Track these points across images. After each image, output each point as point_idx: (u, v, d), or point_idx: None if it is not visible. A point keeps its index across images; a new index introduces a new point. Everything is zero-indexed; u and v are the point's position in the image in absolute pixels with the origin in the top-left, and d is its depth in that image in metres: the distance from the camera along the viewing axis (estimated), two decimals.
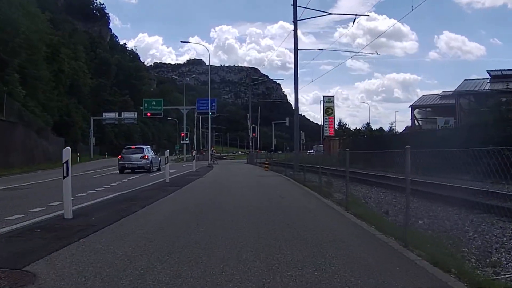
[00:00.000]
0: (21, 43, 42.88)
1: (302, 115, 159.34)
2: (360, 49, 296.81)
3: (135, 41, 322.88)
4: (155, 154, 27.77)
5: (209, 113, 37.75)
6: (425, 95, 44.09)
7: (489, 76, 33.83)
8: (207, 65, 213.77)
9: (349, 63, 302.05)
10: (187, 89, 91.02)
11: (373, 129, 41.38)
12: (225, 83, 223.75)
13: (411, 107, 41.23)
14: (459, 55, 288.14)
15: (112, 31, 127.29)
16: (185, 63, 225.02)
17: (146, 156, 23.86)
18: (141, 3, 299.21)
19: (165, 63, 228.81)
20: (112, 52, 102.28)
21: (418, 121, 40.87)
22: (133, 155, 23.47)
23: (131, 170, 23.03)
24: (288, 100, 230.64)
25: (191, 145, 64.96)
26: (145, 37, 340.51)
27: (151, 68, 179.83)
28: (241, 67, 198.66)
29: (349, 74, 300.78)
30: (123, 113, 60.28)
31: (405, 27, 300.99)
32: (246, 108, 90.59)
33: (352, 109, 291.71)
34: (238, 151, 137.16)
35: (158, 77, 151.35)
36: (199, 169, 27.03)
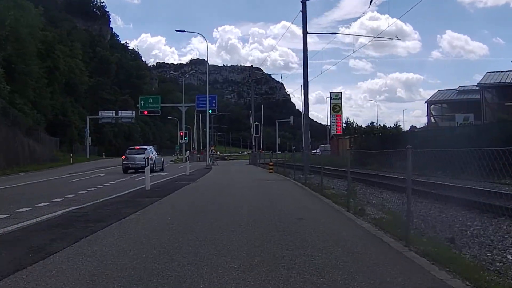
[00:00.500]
0: (7, 36, 39.74)
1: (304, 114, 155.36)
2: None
3: (137, 42, 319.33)
4: (158, 154, 27.62)
5: (207, 110, 34.39)
6: (441, 90, 40.63)
7: None
8: (209, 64, 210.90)
9: (352, 62, 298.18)
10: (190, 88, 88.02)
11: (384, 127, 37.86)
12: (228, 82, 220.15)
13: (427, 102, 37.84)
14: (462, 54, 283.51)
15: (113, 30, 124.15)
16: (187, 63, 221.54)
17: (150, 156, 22.76)
18: (144, 3, 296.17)
19: (168, 63, 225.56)
20: (112, 51, 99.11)
21: (434, 117, 37.43)
22: (136, 156, 23.39)
23: (134, 170, 22.95)
24: (291, 99, 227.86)
25: (192, 145, 61.36)
26: (147, 38, 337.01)
27: (154, 68, 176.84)
28: (244, 66, 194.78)
29: (352, 74, 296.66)
30: (120, 112, 56.93)
31: (407, 27, 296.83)
32: (249, 107, 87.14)
33: (355, 108, 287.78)
34: (240, 151, 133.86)
35: (160, 77, 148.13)
36: (194, 171, 23.70)
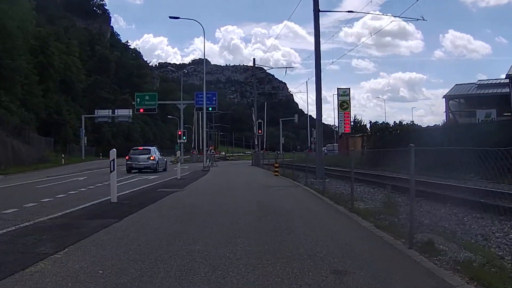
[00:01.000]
0: None
1: (308, 114, 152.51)
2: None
3: (140, 42, 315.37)
4: (161, 155, 28.10)
5: (204, 106, 31.09)
6: (458, 85, 37.12)
7: None
8: (212, 64, 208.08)
9: (354, 62, 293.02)
10: (192, 88, 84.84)
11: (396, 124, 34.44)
12: (231, 82, 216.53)
13: (445, 97, 34.35)
14: (464, 54, 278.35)
15: (114, 29, 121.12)
16: (189, 63, 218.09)
17: (152, 157, 24.07)
18: (146, 3, 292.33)
19: (170, 63, 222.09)
20: (112, 49, 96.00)
21: (453, 113, 33.94)
22: (140, 156, 23.74)
23: (138, 170, 23.11)
24: (294, 99, 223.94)
25: (192, 145, 57.93)
26: (150, 38, 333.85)
27: (156, 68, 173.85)
28: (247, 66, 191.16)
29: (355, 73, 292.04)
30: (117, 111, 53.70)
31: (410, 26, 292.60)
32: (252, 107, 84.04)
33: (358, 108, 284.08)
34: (243, 151, 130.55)
35: (162, 77, 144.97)
36: (187, 174, 20.41)
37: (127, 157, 24.29)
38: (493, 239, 6.03)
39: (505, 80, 27.72)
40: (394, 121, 31.66)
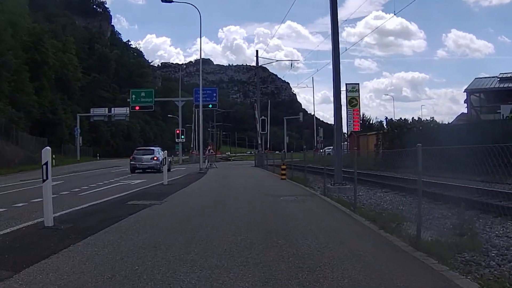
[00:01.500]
0: None
1: (311, 114, 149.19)
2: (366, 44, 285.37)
3: (143, 42, 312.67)
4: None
5: (201, 101, 27.94)
6: (478, 78, 33.87)
7: None
8: (215, 64, 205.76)
9: (357, 62, 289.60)
10: (193, 87, 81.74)
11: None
12: (234, 82, 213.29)
13: (466, 91, 31.13)
14: (467, 53, 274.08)
15: (115, 28, 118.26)
16: (192, 63, 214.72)
17: (156, 157, 24.02)
18: (148, 4, 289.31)
19: (173, 63, 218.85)
20: (112, 48, 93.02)
21: (475, 109, 30.68)
22: (143, 156, 23.77)
23: (142, 170, 23.05)
24: (297, 99, 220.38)
25: (191, 144, 54.66)
26: (152, 38, 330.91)
27: (159, 68, 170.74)
28: (250, 66, 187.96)
29: (357, 73, 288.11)
30: (113, 109, 50.66)
31: (413, 26, 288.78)
32: (255, 103, 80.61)
33: (361, 108, 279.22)
34: (246, 151, 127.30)
35: (164, 77, 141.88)
36: (178, 179, 17.28)
37: (131, 157, 24.41)
38: None
39: None
40: (412, 117, 28.35)
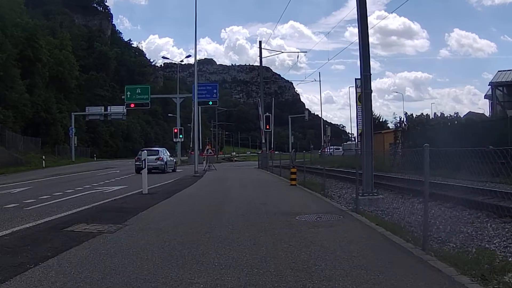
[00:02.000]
0: None
1: (315, 114, 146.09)
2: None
3: (145, 43, 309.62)
4: (171, 156, 28.13)
5: (195, 97, 24.76)
6: (501, 71, 30.59)
7: None
8: (218, 64, 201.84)
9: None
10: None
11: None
12: (237, 82, 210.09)
13: (491, 84, 27.95)
14: (470, 53, 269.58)
15: (116, 26, 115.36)
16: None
17: (161, 157, 24.35)
18: (151, 4, 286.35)
19: (175, 63, 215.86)
20: (112, 46, 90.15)
21: (500, 104, 27.48)
22: (148, 157, 23.69)
23: (147, 170, 21.28)
24: (300, 99, 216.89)
25: (190, 144, 51.49)
26: (155, 39, 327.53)
27: (161, 68, 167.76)
28: (253, 66, 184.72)
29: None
30: (109, 108, 47.72)
31: (415, 25, 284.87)
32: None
33: None
34: (248, 151, 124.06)
35: (167, 76, 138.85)
36: (167, 184, 14.27)
37: (136, 158, 24.65)
38: None
39: None
40: (434, 113, 25.11)
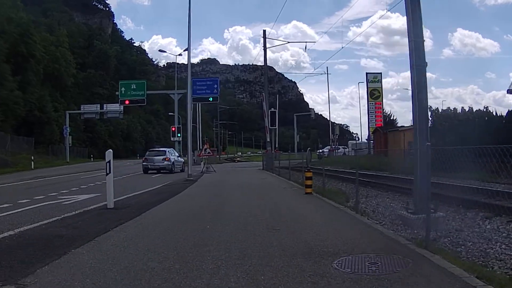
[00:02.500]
0: None
1: (318, 113, 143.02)
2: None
3: (149, 43, 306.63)
4: (179, 156, 28.19)
5: (189, 93, 21.79)
6: None
7: None
8: (221, 64, 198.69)
9: (363, 62, 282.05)
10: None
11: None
12: (240, 82, 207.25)
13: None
14: (473, 52, 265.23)
15: (117, 25, 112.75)
16: (198, 63, 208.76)
17: (167, 158, 24.43)
18: (154, 5, 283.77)
19: (178, 63, 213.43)
20: (113, 44, 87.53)
21: None
22: (155, 157, 24.29)
23: (157, 171, 23.54)
24: (304, 99, 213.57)
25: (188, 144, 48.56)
26: (159, 39, 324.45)
27: (164, 68, 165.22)
28: (256, 65, 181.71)
29: (364, 73, 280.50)
30: (105, 105, 44.97)
31: None
32: (261, 107, 74.77)
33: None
34: (250, 151, 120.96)
35: (169, 75, 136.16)
36: (151, 191, 11.39)
37: (143, 159, 24.93)
38: None
39: None
40: (462, 107, 21.97)
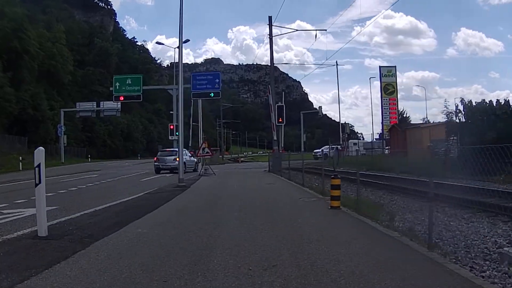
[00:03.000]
0: None
1: (323, 114, 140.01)
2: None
3: (152, 43, 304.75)
4: (191, 156, 28.10)
5: (181, 82, 19.04)
6: None
7: None
8: (225, 64, 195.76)
9: (367, 62, 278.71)
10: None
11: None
12: (244, 82, 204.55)
13: None
14: (477, 52, 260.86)
15: (120, 24, 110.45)
16: (202, 63, 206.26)
17: (178, 158, 22.62)
18: (158, 5, 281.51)
19: (182, 63, 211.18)
20: (114, 42, 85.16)
21: None
22: (167, 157, 24.25)
23: (169, 170, 23.39)
24: (308, 98, 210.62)
25: (190, 143, 45.98)
26: (162, 39, 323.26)
27: (168, 68, 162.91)
28: (260, 65, 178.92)
29: (368, 73, 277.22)
30: (102, 103, 42.44)
31: (422, 24, 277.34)
32: (265, 107, 72.25)
33: (372, 107, 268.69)
34: (249, 151, 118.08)
35: (173, 75, 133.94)
36: (126, 202, 8.70)
37: (155, 158, 25.09)
38: None
39: None
40: (497, 99, 18.86)
